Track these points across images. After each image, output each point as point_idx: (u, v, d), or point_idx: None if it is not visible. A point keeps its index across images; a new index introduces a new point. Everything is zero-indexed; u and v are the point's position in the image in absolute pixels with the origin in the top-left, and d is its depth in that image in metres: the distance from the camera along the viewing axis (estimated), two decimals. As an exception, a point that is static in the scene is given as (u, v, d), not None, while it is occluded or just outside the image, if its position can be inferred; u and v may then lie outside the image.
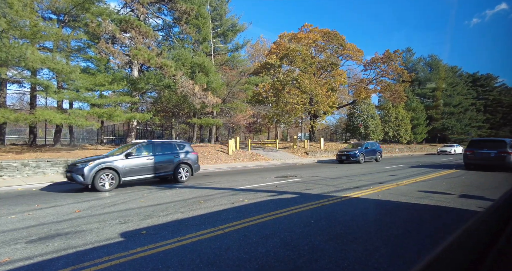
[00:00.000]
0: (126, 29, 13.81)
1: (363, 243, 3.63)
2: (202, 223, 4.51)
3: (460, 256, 0.63)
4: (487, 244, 0.67)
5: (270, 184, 9.01)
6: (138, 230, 4.16)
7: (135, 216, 4.97)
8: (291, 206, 5.64)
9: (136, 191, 7.72)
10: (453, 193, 7.15)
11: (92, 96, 11.81)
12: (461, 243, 0.66)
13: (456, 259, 0.62)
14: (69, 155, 12.38)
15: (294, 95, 23.54)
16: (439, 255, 0.59)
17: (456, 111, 45.77)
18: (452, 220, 4.81)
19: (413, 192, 7.33)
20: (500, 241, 0.68)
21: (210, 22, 22.11)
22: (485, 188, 8.11)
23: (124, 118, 13.63)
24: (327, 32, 27.35)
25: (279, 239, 3.76)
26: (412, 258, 3.23)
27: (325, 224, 4.47)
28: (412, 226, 4.41)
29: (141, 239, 3.74)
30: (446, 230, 4.25)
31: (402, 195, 6.89)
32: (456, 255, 0.63)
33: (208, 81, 16.96)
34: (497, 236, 0.69)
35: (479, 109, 50.72)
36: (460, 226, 0.68)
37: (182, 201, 6.29)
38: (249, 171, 13.79)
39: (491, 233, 0.71)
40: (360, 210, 5.46)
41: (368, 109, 34.65)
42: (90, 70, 14.67)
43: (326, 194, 7.08)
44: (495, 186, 8.55)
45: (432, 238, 3.91)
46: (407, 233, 4.06)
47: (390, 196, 6.84)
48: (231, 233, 4.02)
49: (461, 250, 0.65)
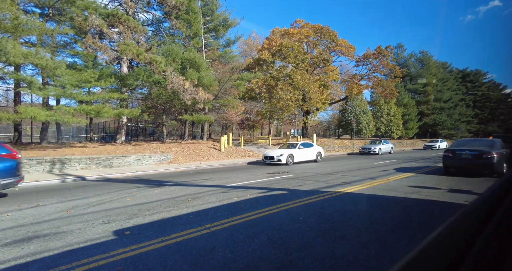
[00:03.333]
0: (114, 24, 13.41)
1: (352, 240, 3.57)
2: (189, 222, 4.39)
3: (443, 251, 0.63)
4: (473, 235, 0.67)
5: (262, 180, 8.94)
6: (121, 230, 4.02)
7: (120, 215, 4.82)
8: (281, 203, 5.57)
9: (124, 190, 7.54)
10: (442, 188, 7.20)
11: (79, 92, 11.46)
12: (447, 235, 0.67)
13: (440, 253, 0.62)
14: (55, 153, 12.06)
15: (287, 91, 23.44)
16: (424, 249, 0.60)
17: (446, 106, 46.47)
18: (441, 212, 4.82)
19: (403, 187, 7.36)
20: (485, 232, 0.68)
21: (201, 17, 21.72)
22: (473, 182, 8.21)
23: (112, 114, 13.32)
24: (319, 27, 27.24)
25: (267, 237, 3.68)
26: (401, 255, 3.19)
27: (314, 221, 4.41)
28: (402, 221, 4.40)
29: (123, 240, 3.60)
30: (436, 223, 4.24)
31: (392, 190, 6.91)
32: (439, 250, 0.63)
33: (199, 77, 16.69)
34: (483, 228, 0.69)
35: (469, 105, 51.60)
36: (446, 220, 0.69)
37: (170, 199, 6.15)
38: (242, 168, 13.70)
39: (477, 225, 0.72)
40: (350, 206, 5.43)
41: (361, 105, 34.82)
42: (77, 66, 14.26)
43: (317, 190, 7.04)
44: (483, 180, 8.66)
45: (423, 233, 3.89)
46: (397, 228, 4.04)
47: (381, 191, 6.84)
48: (218, 232, 3.92)
49: (447, 243, 0.66)
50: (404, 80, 46.85)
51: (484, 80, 55.64)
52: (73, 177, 9.72)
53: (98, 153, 13.20)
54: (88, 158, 12.07)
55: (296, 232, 3.87)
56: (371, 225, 4.24)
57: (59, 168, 10.91)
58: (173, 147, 17.87)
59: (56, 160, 10.95)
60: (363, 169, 11.93)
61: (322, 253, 3.15)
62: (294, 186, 7.67)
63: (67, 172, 10.87)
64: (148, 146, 17.42)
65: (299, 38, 27.23)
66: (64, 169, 11.07)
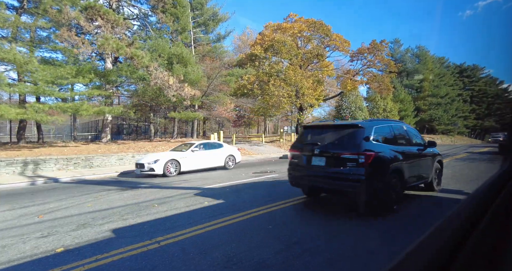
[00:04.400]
0: (93, 17, 12.74)
1: (322, 253, 3.06)
2: (140, 233, 3.86)
3: (431, 252, 0.63)
4: (467, 230, 0.69)
5: (243, 181, 8.41)
6: (55, 246, 3.47)
7: (65, 226, 4.28)
8: (253, 208, 5.05)
9: (92, 193, 6.99)
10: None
11: (54, 89, 10.84)
12: (440, 232, 0.69)
13: (437, 245, 0.64)
14: (30, 153, 11.47)
15: (279, 88, 22.83)
16: (418, 246, 0.63)
17: (443, 102, 46.06)
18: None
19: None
20: (481, 225, 0.70)
21: (189, 11, 21.03)
22: (464, 180, 7.73)
23: (92, 112, 12.73)
24: (313, 22, 26.52)
25: (222, 253, 3.16)
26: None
27: (283, 230, 3.89)
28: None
29: (50, 260, 3.07)
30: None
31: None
32: (437, 242, 0.65)
33: (186, 72, 16.07)
34: (477, 224, 0.70)
35: (466, 100, 51.23)
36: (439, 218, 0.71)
37: (134, 204, 5.62)
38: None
39: (470, 222, 0.73)
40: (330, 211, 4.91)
41: (356, 101, 34.27)
42: (55, 62, 13.59)
43: (297, 191, 6.53)
44: (475, 178, 8.18)
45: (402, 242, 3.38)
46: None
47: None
48: (167, 246, 3.39)
49: (437, 242, 0.66)
50: (401, 76, 46.32)
51: (481, 75, 55.28)
52: (44, 179, 9.16)
53: (78, 153, 12.61)
54: (66, 158, 11.48)
55: (259, 245, 3.35)
56: (352, 231, 3.73)
57: (32, 169, 10.33)
58: (160, 146, 17.29)
59: (29, 161, 10.36)
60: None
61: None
62: (274, 188, 7.15)
63: (42, 173, 10.30)
64: (134, 145, 16.83)
65: (292, 32, 26.52)
66: (38, 170, 10.49)
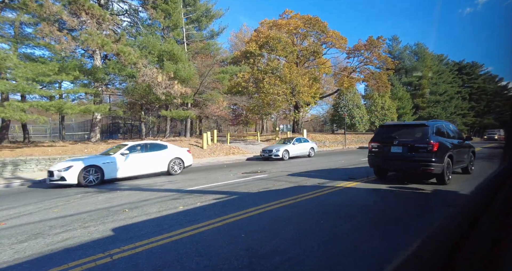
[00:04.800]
0: (77, 12, 12.27)
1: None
2: (95, 245, 3.44)
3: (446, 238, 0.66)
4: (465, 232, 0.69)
5: (229, 182, 8.00)
6: (-6, 260, 3.06)
7: (16, 236, 3.85)
8: (231, 213, 4.64)
9: (65, 197, 6.57)
10: (426, 190, 6.30)
11: (34, 86, 10.37)
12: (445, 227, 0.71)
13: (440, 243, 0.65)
14: (11, 154, 11.02)
15: (274, 86, 22.39)
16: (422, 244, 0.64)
17: (441, 99, 45.64)
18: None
19: (383, 187, 6.46)
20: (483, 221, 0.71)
21: (181, 7, 20.52)
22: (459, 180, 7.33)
23: (77, 111, 12.28)
24: (309, 18, 26.07)
25: (180, 269, 2.75)
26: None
27: (257, 240, 3.47)
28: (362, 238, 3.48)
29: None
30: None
31: (370, 194, 6.00)
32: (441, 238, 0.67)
33: (176, 69, 15.60)
34: (476, 222, 0.70)
35: (464, 97, 50.82)
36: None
37: (104, 209, 5.20)
38: (219, 167, 12.76)
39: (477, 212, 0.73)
40: (315, 215, 4.48)
41: (354, 99, 33.85)
42: (40, 59, 13.12)
43: (282, 194, 6.12)
44: (469, 178, 7.79)
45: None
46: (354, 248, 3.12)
47: (355, 197, 5.93)
48: (119, 261, 2.97)
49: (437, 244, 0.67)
50: (399, 73, 45.87)
51: (480, 72, 54.83)
52: (22, 181, 8.73)
53: (62, 153, 12.19)
54: (49, 158, 11.05)
55: (224, 259, 2.94)
56: (330, 248, 3.32)
57: (11, 170, 9.90)
58: (151, 145, 16.86)
59: (8, 162, 9.93)
60: (347, 167, 11.04)
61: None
62: (260, 189, 6.72)
63: (21, 175, 9.87)
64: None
65: (287, 29, 26.07)
66: (17, 171, 10.06)
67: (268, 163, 13.58)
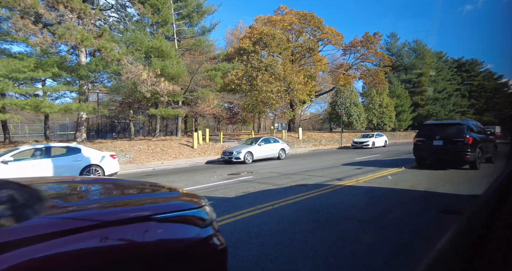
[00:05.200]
0: (54, 5, 11.70)
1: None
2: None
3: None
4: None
5: (210, 185, 7.47)
6: None
7: None
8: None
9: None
10: (420, 189, 5.76)
11: (7, 84, 9.83)
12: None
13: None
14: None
15: (268, 83, 21.82)
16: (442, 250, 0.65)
17: (440, 96, 45.07)
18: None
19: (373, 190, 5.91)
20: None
21: (171, 3, 19.92)
22: (455, 182, 6.79)
23: (57, 109, 11.72)
24: (304, 14, 25.48)
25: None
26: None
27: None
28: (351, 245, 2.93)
29: None
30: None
31: (360, 195, 5.45)
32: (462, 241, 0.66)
33: (164, 66, 15.04)
34: (491, 227, 0.68)
35: (464, 95, 50.24)
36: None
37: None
38: (207, 167, 12.24)
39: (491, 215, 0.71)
40: (290, 226, 3.93)
41: (351, 97, 33.28)
42: (18, 55, 12.56)
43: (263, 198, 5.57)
44: (465, 179, 7.24)
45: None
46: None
47: (345, 199, 5.38)
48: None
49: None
50: (398, 71, 45.28)
51: (480, 69, 54.20)
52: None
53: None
54: None
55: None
56: (309, 257, 2.77)
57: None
58: (139, 144, 16.33)
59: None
60: (337, 167, 10.49)
61: None
62: (240, 193, 6.19)
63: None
64: (110, 144, 15.86)
65: (282, 25, 25.50)
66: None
67: (225, 167, 11.90)
